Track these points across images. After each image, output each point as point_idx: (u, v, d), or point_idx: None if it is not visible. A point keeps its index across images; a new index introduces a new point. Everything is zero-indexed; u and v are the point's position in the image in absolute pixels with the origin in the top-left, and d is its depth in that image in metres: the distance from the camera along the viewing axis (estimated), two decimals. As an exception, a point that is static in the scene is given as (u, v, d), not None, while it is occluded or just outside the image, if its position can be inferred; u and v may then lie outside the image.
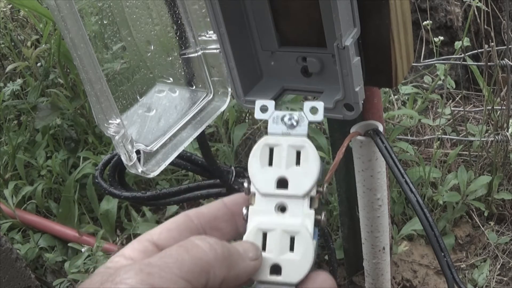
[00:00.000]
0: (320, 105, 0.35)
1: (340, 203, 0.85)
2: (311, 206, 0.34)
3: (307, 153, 0.34)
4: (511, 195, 1.11)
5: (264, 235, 0.33)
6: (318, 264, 1.07)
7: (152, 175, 0.50)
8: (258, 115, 0.36)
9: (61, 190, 1.22)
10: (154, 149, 0.50)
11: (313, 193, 0.34)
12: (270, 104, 0.36)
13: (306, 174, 0.34)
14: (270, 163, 0.35)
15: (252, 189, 0.35)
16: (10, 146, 1.27)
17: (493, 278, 1.03)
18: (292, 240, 0.33)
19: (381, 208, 0.65)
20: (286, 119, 0.35)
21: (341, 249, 0.98)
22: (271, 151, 0.35)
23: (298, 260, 0.32)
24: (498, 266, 1.05)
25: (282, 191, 0.34)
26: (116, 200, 1.14)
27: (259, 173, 0.34)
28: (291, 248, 0.33)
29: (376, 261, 0.73)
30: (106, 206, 1.15)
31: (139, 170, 0.48)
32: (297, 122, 0.35)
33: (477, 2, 1.07)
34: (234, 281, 0.30)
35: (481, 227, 1.12)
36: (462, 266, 1.07)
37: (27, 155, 1.29)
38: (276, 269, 0.33)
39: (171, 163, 0.52)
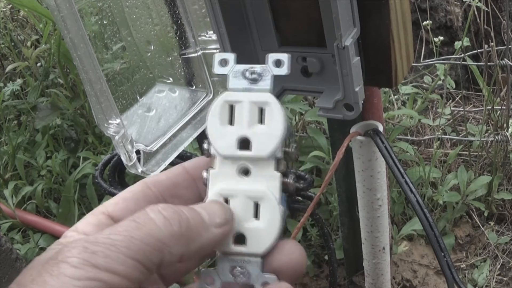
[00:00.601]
0: (284, 56, 0.32)
1: (340, 203, 0.85)
2: (277, 169, 0.31)
3: (271, 110, 0.31)
4: (511, 195, 1.11)
5: (226, 202, 0.31)
6: (318, 263, 1.07)
7: (152, 175, 0.50)
8: (217, 69, 0.33)
9: (61, 190, 1.22)
10: (154, 149, 0.50)
11: (279, 154, 0.31)
12: (231, 57, 0.33)
13: (270, 133, 0.31)
14: (231, 122, 0.31)
15: (213, 151, 0.32)
16: (10, 146, 1.27)
17: (493, 278, 1.03)
18: (256, 206, 0.30)
19: (381, 208, 0.65)
20: (247, 73, 0.32)
21: (341, 249, 0.98)
22: (232, 108, 0.32)
23: (264, 228, 0.30)
24: (498, 266, 1.05)
25: (244, 153, 0.31)
26: (116, 200, 1.14)
27: (219, 134, 0.31)
28: (256, 215, 0.30)
29: (376, 261, 0.73)
30: (106, 206, 1.15)
31: (139, 170, 0.48)
32: (260, 76, 0.32)
33: (477, 2, 1.07)
34: (197, 254, 0.28)
35: (481, 227, 1.12)
36: (462, 266, 1.07)
37: (27, 155, 1.29)
38: (240, 239, 0.30)
39: (171, 163, 0.52)
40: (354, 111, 0.46)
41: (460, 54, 1.16)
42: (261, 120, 0.31)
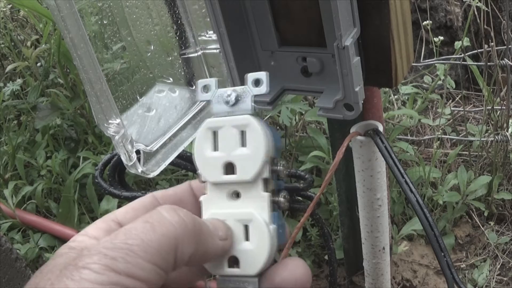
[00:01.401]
0: (263, 75, 0.32)
1: (340, 203, 0.85)
2: (266, 189, 0.31)
3: (252, 131, 0.31)
4: (511, 195, 1.11)
5: None
6: (318, 263, 1.07)
7: (152, 175, 0.50)
8: (200, 96, 0.33)
9: (61, 190, 1.22)
10: (154, 149, 0.50)
11: (266, 174, 0.31)
12: (212, 82, 0.33)
13: (252, 155, 0.31)
14: (216, 148, 0.32)
15: (203, 178, 0.32)
16: (10, 146, 1.27)
17: (493, 278, 1.03)
18: (247, 228, 0.31)
19: (381, 208, 0.65)
20: (228, 96, 0.32)
21: (341, 249, 0.98)
22: (215, 134, 0.32)
23: (254, 250, 0.30)
24: (498, 266, 1.05)
25: (229, 177, 0.31)
26: (116, 200, 1.14)
27: (205, 161, 0.32)
28: (247, 238, 0.31)
29: (376, 261, 0.73)
30: (106, 206, 1.15)
31: (139, 170, 0.48)
32: (241, 97, 0.32)
33: (477, 2, 1.07)
34: (201, 258, 0.29)
35: (481, 227, 1.12)
36: (462, 266, 1.07)
37: (27, 155, 1.29)
38: (234, 261, 0.31)
39: (171, 163, 0.52)
40: (354, 111, 0.46)
41: (460, 54, 1.16)
42: (244, 143, 0.31)
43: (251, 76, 0.32)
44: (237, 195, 0.32)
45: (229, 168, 0.32)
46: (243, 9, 0.49)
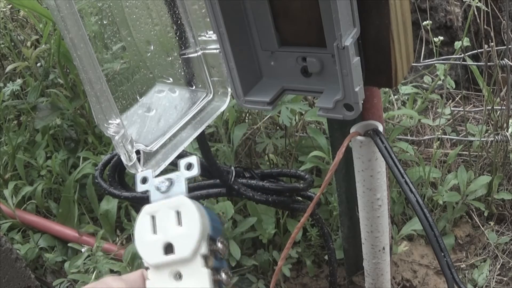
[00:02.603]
0: (193, 159, 0.35)
1: (340, 203, 0.85)
2: (206, 265, 0.33)
3: (186, 210, 0.33)
4: (511, 195, 1.11)
5: None
6: (318, 263, 1.07)
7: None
8: (139, 188, 0.36)
9: (61, 190, 1.22)
10: (154, 149, 0.50)
11: (204, 250, 0.33)
12: (149, 173, 0.36)
13: (189, 232, 0.33)
14: (155, 231, 0.34)
15: (145, 262, 0.34)
16: (10, 146, 1.27)
17: (493, 278, 1.03)
18: None
19: (381, 208, 0.65)
20: (164, 184, 0.35)
21: (341, 249, 0.98)
22: (154, 218, 0.34)
23: None
24: (498, 266, 1.05)
25: (168, 257, 0.33)
26: (116, 200, 1.14)
27: (145, 245, 0.34)
28: None
29: (376, 261, 0.73)
30: (106, 206, 1.15)
31: (139, 170, 0.48)
32: (175, 182, 0.35)
33: (477, 2, 1.07)
34: None
35: (481, 227, 1.12)
36: (462, 266, 1.07)
37: (27, 155, 1.29)
38: None
39: (171, 163, 0.52)
40: (354, 111, 0.46)
41: (460, 54, 1.16)
42: (180, 223, 0.33)
43: (183, 162, 0.35)
44: (179, 275, 0.33)
45: (169, 249, 0.33)
46: (243, 9, 0.49)
